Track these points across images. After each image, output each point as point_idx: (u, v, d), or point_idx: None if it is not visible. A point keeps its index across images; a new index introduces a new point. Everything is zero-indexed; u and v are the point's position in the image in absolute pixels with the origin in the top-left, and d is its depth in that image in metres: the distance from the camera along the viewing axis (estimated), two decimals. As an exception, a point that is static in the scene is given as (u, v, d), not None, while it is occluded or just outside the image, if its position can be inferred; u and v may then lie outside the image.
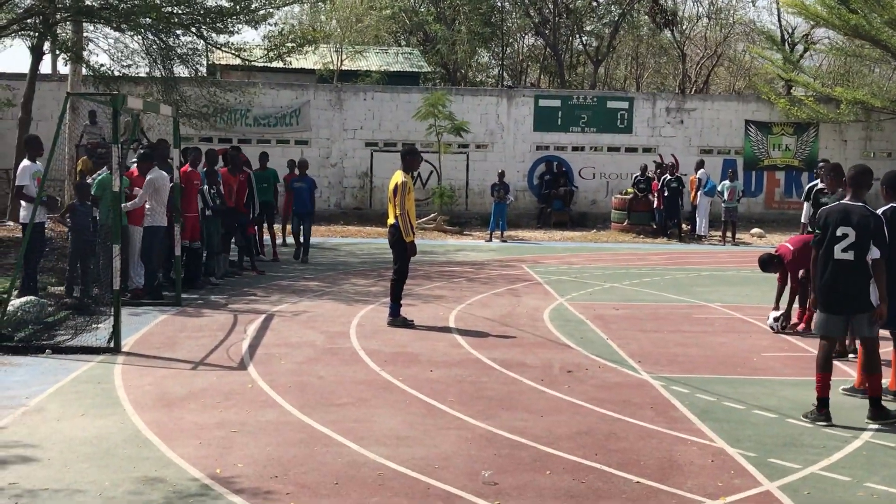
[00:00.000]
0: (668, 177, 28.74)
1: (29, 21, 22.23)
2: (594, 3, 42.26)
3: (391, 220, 13.31)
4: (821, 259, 8.81)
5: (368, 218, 31.29)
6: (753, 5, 44.54)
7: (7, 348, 11.16)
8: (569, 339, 12.60)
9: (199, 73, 25.56)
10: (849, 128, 34.08)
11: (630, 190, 30.62)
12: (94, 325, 12.42)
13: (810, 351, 11.86)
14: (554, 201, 32.49)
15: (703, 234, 28.74)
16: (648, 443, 7.99)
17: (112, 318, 11.41)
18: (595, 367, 10.93)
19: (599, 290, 17.43)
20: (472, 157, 33.24)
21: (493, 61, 48.35)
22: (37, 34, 22.79)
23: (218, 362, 10.81)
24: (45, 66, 31.59)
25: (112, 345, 11.25)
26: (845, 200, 8.89)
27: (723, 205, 28.14)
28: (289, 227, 22.38)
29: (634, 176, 30.97)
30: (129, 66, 25.90)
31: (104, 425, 8.16)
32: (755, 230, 30.53)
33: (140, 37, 24.46)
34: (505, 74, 48.01)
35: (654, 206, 29.44)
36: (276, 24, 24.49)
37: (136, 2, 21.86)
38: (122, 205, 12.44)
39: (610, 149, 33.88)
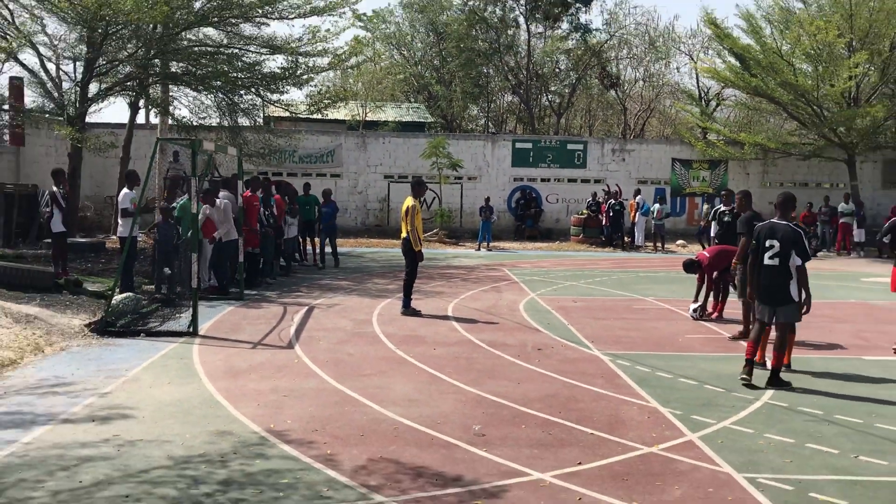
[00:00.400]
0: (613, 201, 28.94)
1: (128, 84, 22.16)
2: (557, 70, 42.14)
3: (403, 235, 13.33)
4: (754, 264, 8.94)
5: (386, 233, 31.21)
6: (667, 67, 43.27)
7: (111, 332, 11.12)
8: (538, 324, 12.54)
9: (257, 123, 25.36)
10: (750, 164, 33.99)
11: (584, 211, 30.58)
12: (177, 315, 12.40)
13: (722, 334, 11.90)
14: (527, 220, 32.46)
15: (640, 244, 28.82)
16: (599, 404, 7.95)
17: (191, 309, 11.37)
18: (559, 346, 10.87)
19: (562, 287, 17.35)
20: (465, 187, 33.14)
21: (480, 114, 48.20)
22: (134, 94, 22.66)
23: (272, 343, 10.75)
24: (141, 117, 31.37)
25: (191, 329, 11.19)
26: (774, 219, 8.98)
27: (654, 222, 28.37)
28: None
29: (587, 201, 30.97)
30: (203, 117, 25.80)
31: (185, 391, 8.12)
32: (679, 241, 30.61)
33: (213, 95, 24.40)
34: (490, 124, 47.91)
35: (603, 223, 29.45)
36: (315, 85, 24.29)
37: (209, 69, 21.85)
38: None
39: (569, 180, 33.80)
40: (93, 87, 21.87)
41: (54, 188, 14.77)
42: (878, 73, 30.25)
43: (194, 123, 25.89)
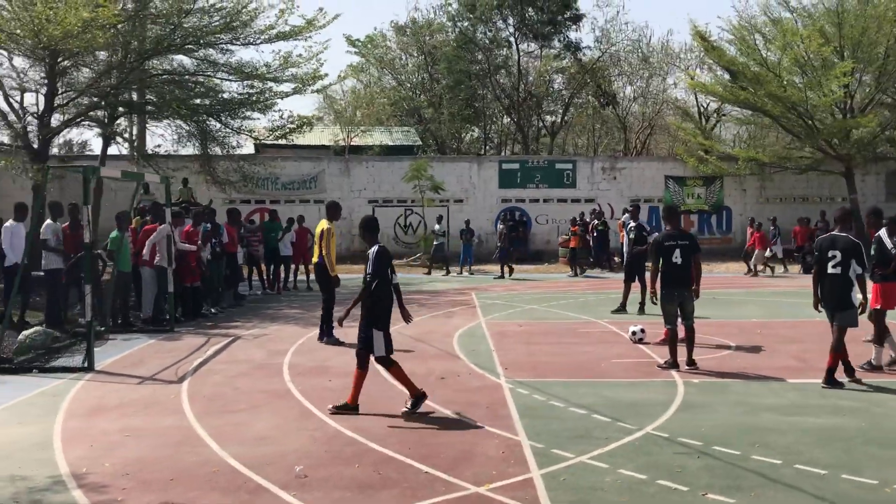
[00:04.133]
0: (596, 221, 28.32)
1: (90, 114, 22.04)
2: (550, 89, 41.74)
3: (315, 259, 12.86)
4: (819, 273, 9.63)
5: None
6: (663, 83, 42.64)
7: (4, 369, 10.75)
8: (462, 351, 12.03)
9: (230, 151, 25.08)
10: (747, 179, 33.29)
11: (571, 230, 29.95)
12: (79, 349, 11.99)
13: (654, 359, 11.23)
14: (514, 242, 31.88)
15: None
16: (461, 437, 7.42)
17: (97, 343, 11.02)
18: (466, 374, 10.36)
19: (518, 311, 16.81)
20: (451, 209, 32.70)
21: (479, 136, 47.92)
22: (99, 123, 22.52)
23: (164, 377, 10.33)
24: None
25: (86, 365, 10.81)
26: (834, 232, 9.73)
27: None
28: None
29: (574, 219, 30.31)
30: (175, 148, 25.73)
31: (27, 431, 7.71)
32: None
33: (182, 123, 24.25)
34: (488, 146, 47.59)
35: (591, 243, 28.81)
36: (279, 111, 24.02)
37: (169, 97, 21.68)
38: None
39: (559, 200, 33.29)
40: (56, 119, 21.79)
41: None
42: (874, 81, 29.52)
43: (163, 153, 25.91)
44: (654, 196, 33.66)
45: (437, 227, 26.99)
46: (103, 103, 21.70)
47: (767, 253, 25.88)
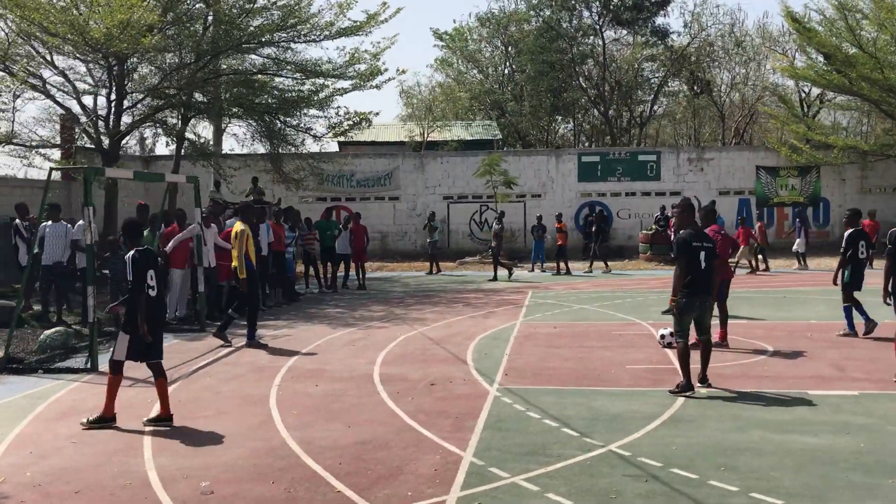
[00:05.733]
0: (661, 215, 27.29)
1: (156, 117, 22.56)
2: (639, 78, 40.37)
3: (234, 263, 12.52)
4: (891, 268, 9.63)
5: (446, 255, 30.46)
6: (759, 68, 40.54)
7: (11, 369, 10.93)
8: (473, 355, 11.53)
9: (298, 149, 25.27)
10: (846, 169, 31.35)
11: (653, 227, 28.94)
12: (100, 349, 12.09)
13: (674, 364, 10.47)
14: (594, 237, 30.99)
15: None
16: (403, 452, 6.97)
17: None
18: (460, 381, 9.88)
19: (565, 312, 16.17)
20: (528, 205, 32.08)
21: (568, 128, 46.97)
22: (169, 124, 23.03)
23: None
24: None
25: (89, 366, 10.88)
26: None
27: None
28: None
29: (655, 215, 29.25)
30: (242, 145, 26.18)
31: (-19, 436, 7.70)
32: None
33: (253, 123, 24.60)
34: (582, 139, 46.59)
35: (672, 239, 27.65)
36: (337, 108, 23.97)
37: (228, 98, 21.94)
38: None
39: (643, 193, 32.18)
40: (125, 121, 22.39)
41: (17, 221, 14.95)
42: None
43: (238, 152, 26.34)
44: (744, 188, 32.18)
45: (431, 222, 25.74)
46: (172, 103, 22.16)
47: (796, 247, 24.96)
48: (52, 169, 11.27)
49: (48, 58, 20.72)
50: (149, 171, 30.63)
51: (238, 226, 12.59)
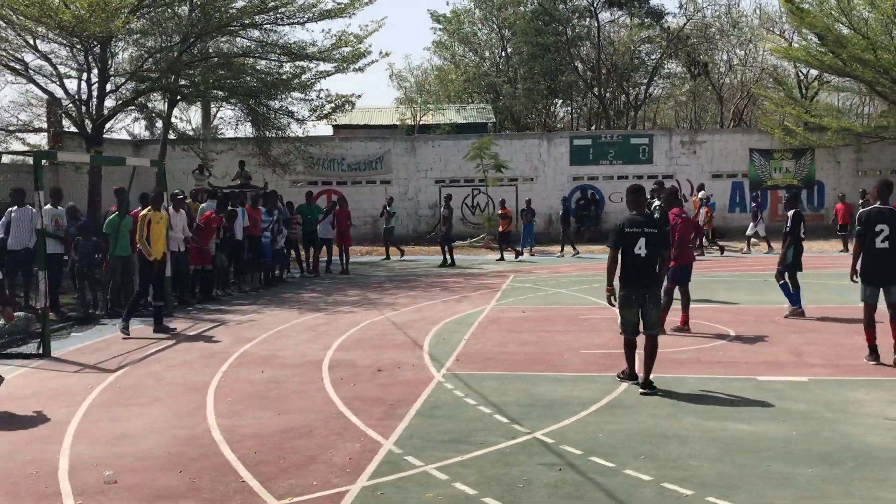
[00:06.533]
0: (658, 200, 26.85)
1: (137, 101, 22.42)
2: (634, 60, 39.96)
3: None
4: (865, 248, 9.25)
5: (436, 240, 30.27)
6: (756, 50, 39.95)
7: (-38, 355, 10.83)
8: (431, 341, 11.39)
9: (283, 132, 25.12)
10: (841, 151, 31.00)
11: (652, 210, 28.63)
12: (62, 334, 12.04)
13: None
14: (585, 221, 30.89)
15: (705, 245, 26.46)
16: (323, 441, 6.83)
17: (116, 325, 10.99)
18: (408, 367, 9.73)
19: (539, 296, 16.01)
20: (520, 188, 31.84)
21: (567, 111, 46.60)
22: (140, 109, 22.89)
23: (105, 366, 10.14)
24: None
25: (41, 351, 10.79)
26: (878, 205, 9.28)
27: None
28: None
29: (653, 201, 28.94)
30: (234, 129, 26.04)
31: None
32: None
33: (238, 106, 24.50)
34: (580, 123, 46.26)
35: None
36: (318, 91, 23.77)
37: (210, 81, 21.78)
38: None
39: (635, 177, 31.80)
40: (109, 105, 22.25)
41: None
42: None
43: (224, 136, 26.17)
44: (737, 171, 31.88)
45: (388, 207, 25.04)
46: (156, 86, 21.99)
47: (749, 231, 24.77)
48: (1, 153, 11.15)
49: (30, 41, 20.59)
50: (138, 155, 30.49)
51: (144, 211, 12.60)
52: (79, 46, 19.39)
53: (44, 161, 11.34)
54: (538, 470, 6.00)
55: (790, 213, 12.79)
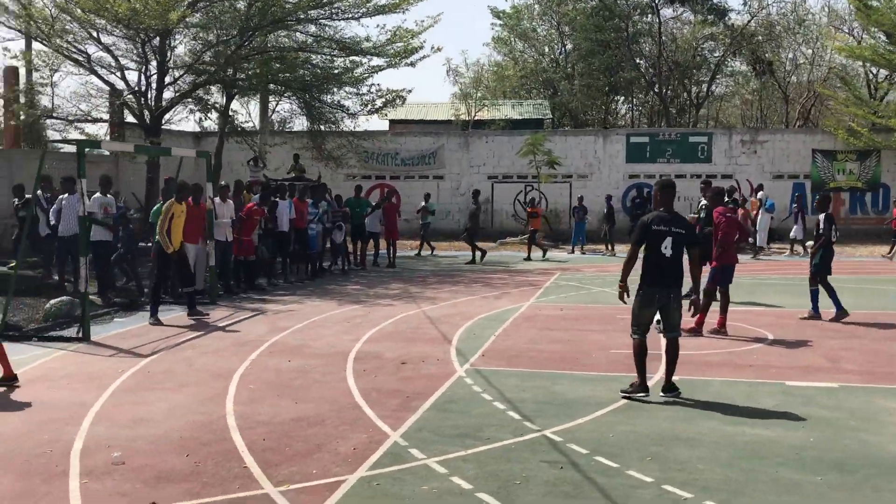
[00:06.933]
0: (726, 199, 26.31)
1: (194, 94, 22.84)
2: (697, 57, 39.26)
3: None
4: None
5: (489, 235, 30.21)
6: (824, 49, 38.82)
7: (8, 336, 11.12)
8: (461, 335, 11.38)
9: (338, 126, 25.34)
10: (908, 153, 30.07)
11: (699, 210, 28.11)
12: (116, 319, 12.37)
13: (658, 351, 10.10)
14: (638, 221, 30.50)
15: (763, 245, 25.93)
16: (332, 431, 6.88)
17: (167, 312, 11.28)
18: (433, 360, 9.74)
19: (581, 294, 15.89)
20: (574, 186, 31.59)
21: (628, 108, 46.04)
22: (197, 102, 23.32)
23: (140, 351, 10.35)
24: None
25: (80, 335, 11.08)
26: None
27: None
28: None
29: (700, 201, 28.44)
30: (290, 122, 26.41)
31: (-58, 400, 7.89)
32: (809, 243, 27.25)
33: (295, 100, 24.85)
34: (643, 119, 45.66)
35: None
36: (369, 86, 23.92)
37: (262, 75, 22.09)
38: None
39: (693, 176, 31.29)
40: (167, 96, 22.75)
41: (39, 192, 15.27)
42: None
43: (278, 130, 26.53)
44: (799, 172, 31.12)
45: (424, 203, 24.67)
46: (214, 79, 22.40)
47: (793, 233, 24.23)
48: (47, 142, 11.48)
49: (94, 34, 21.16)
50: (199, 147, 31.05)
51: (166, 204, 12.88)
52: (137, 39, 19.83)
53: (87, 150, 11.61)
54: (539, 467, 5.96)
55: (821, 216, 12.54)
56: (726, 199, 25.82)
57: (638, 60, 39.90)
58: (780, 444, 6.51)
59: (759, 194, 26.83)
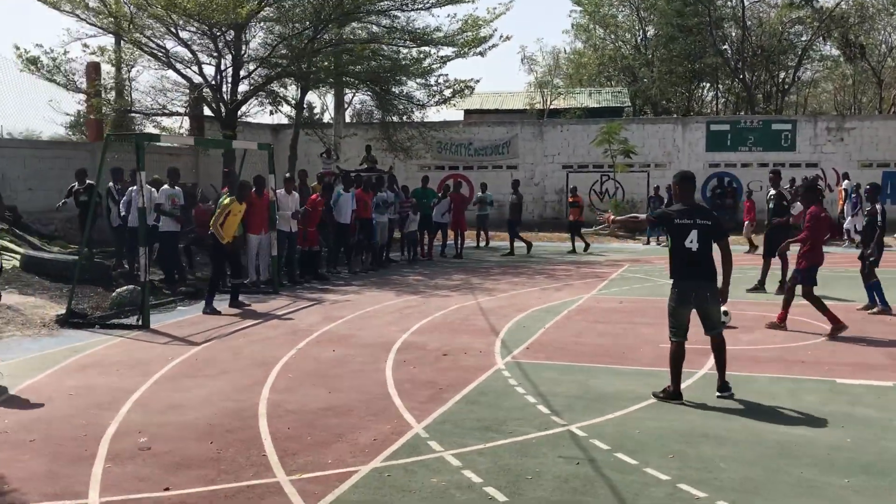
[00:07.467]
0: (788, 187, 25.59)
1: (267, 87, 23.28)
2: (783, 43, 38.01)
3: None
4: None
5: (563, 226, 29.93)
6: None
7: (73, 324, 11.60)
8: (510, 327, 11.34)
9: (409, 117, 25.53)
10: None
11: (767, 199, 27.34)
12: (179, 307, 12.83)
13: (707, 346, 9.85)
14: (722, 212, 29.77)
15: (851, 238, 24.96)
16: (356, 421, 6.94)
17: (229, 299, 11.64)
18: (475, 352, 9.72)
19: (646, 287, 15.61)
20: (652, 175, 31.02)
21: (712, 94, 44.94)
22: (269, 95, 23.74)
23: (193, 339, 10.65)
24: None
25: (139, 323, 11.45)
26: None
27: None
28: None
29: (787, 188, 27.59)
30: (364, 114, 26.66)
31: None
32: (896, 235, 26.17)
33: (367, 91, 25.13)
34: (728, 105, 44.52)
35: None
36: (437, 76, 23.96)
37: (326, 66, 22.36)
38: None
39: (775, 165, 30.30)
40: (242, 90, 23.25)
41: (110, 184, 15.84)
42: None
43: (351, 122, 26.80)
44: (889, 160, 29.87)
45: (480, 193, 23.91)
46: (288, 72, 22.79)
47: (847, 224, 23.36)
48: (108, 136, 11.86)
49: (172, 29, 21.76)
50: (276, 140, 31.65)
51: (225, 200, 13.13)
52: (209, 33, 20.30)
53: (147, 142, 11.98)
54: (555, 463, 5.90)
55: (878, 206, 12.11)
56: (788, 186, 25.25)
57: (721, 46, 38.82)
58: (812, 444, 6.28)
59: (845, 183, 25.88)
